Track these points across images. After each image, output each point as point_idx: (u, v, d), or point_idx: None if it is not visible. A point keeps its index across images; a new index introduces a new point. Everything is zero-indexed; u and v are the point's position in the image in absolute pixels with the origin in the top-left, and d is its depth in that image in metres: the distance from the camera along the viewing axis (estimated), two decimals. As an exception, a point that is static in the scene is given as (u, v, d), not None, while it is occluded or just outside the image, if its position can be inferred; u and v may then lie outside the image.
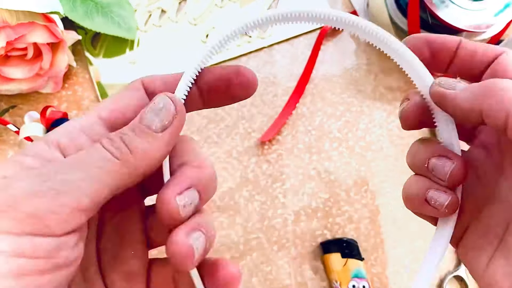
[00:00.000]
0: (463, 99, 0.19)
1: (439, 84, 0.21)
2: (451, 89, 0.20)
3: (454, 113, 0.21)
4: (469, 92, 0.19)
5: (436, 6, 0.38)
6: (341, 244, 0.37)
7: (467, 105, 0.19)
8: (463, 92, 0.19)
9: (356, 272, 0.36)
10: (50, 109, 0.36)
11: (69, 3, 0.40)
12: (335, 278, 0.36)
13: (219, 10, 0.46)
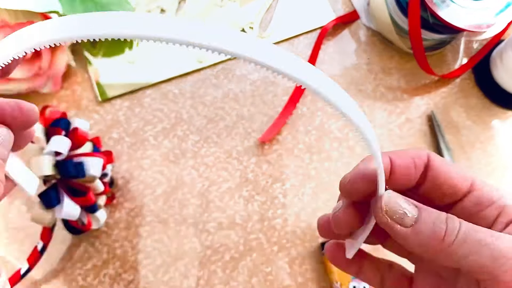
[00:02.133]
0: (414, 244, 0.20)
1: (387, 213, 0.21)
2: (399, 222, 0.21)
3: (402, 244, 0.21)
4: (419, 239, 0.20)
5: (437, 6, 0.38)
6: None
7: (417, 250, 0.20)
8: (413, 235, 0.20)
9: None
10: (49, 109, 0.36)
11: (68, 2, 0.40)
12: (336, 278, 0.36)
13: (218, 10, 0.46)
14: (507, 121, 0.44)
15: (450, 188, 0.22)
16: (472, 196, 0.22)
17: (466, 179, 0.22)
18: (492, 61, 0.44)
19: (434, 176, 0.22)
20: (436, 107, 0.44)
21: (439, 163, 0.22)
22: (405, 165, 0.23)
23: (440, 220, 0.20)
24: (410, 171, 0.22)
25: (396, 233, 0.21)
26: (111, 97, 0.42)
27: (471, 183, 0.22)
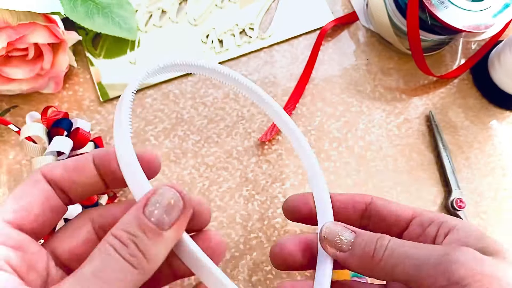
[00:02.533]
0: (352, 266, 0.23)
1: (326, 241, 0.24)
2: (337, 248, 0.24)
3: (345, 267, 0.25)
4: (355, 260, 0.23)
5: (436, 7, 0.39)
6: None
7: (357, 270, 0.23)
8: (350, 258, 0.23)
9: (355, 273, 0.36)
10: (51, 109, 0.36)
11: (70, 3, 0.40)
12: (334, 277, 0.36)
13: (219, 11, 0.46)
14: (505, 122, 0.44)
15: (394, 218, 0.25)
16: (415, 221, 0.25)
17: (407, 209, 0.25)
18: (490, 62, 0.44)
19: (377, 211, 0.26)
20: (435, 108, 0.44)
21: (380, 201, 0.26)
22: (344, 202, 0.27)
23: (370, 240, 0.23)
24: (348, 207, 0.27)
25: (337, 258, 0.24)
26: (113, 98, 0.42)
27: (412, 212, 0.25)
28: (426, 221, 0.24)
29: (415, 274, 0.21)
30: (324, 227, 0.24)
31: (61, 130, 0.34)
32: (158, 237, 0.17)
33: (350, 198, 0.27)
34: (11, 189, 0.39)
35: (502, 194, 0.42)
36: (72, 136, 0.34)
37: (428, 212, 0.25)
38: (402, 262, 0.21)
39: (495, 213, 0.41)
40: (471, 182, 0.42)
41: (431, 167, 0.42)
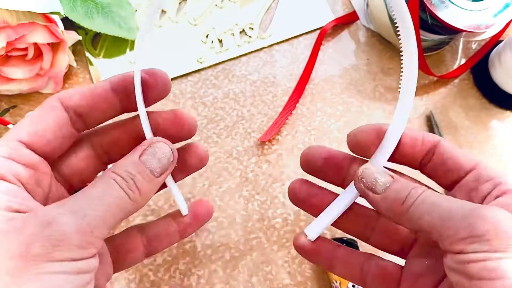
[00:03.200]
0: (382, 209, 0.23)
1: (361, 180, 0.24)
2: (371, 189, 0.24)
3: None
4: (386, 204, 0.23)
5: (436, 7, 0.39)
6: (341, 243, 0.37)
7: (386, 214, 0.23)
8: (381, 201, 0.23)
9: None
10: None
11: (70, 3, 0.40)
12: (335, 278, 0.36)
13: (219, 11, 0.46)
14: (505, 121, 0.44)
15: (454, 165, 0.24)
16: (473, 172, 0.23)
17: (471, 159, 0.24)
18: (491, 61, 0.44)
19: (441, 153, 0.24)
20: (435, 108, 0.44)
21: (447, 144, 0.25)
22: (413, 137, 0.25)
23: (405, 187, 0.23)
24: (417, 143, 0.25)
25: (369, 199, 0.24)
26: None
27: (475, 163, 0.23)
28: (484, 176, 0.23)
29: (440, 224, 0.21)
30: (363, 168, 0.24)
31: None
32: (151, 180, 0.21)
33: (421, 134, 0.25)
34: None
35: (503, 194, 0.42)
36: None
37: (491, 169, 0.23)
38: (430, 212, 0.21)
39: (495, 213, 0.41)
40: (472, 182, 0.42)
41: (432, 167, 0.42)
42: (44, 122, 0.21)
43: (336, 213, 0.26)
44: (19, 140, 0.20)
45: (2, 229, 0.17)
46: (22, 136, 0.20)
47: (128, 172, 0.21)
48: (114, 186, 0.20)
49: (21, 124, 0.21)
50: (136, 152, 0.22)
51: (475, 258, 0.19)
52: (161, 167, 0.22)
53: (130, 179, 0.21)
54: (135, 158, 0.21)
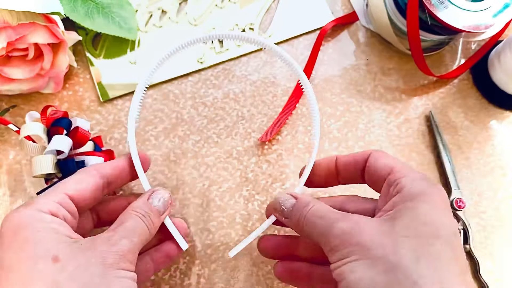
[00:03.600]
0: (294, 230, 0.30)
1: (275, 208, 0.31)
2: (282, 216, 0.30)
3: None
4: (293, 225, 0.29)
5: (435, 7, 0.39)
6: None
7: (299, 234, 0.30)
8: (290, 223, 0.29)
9: None
10: (50, 109, 0.36)
11: (70, 3, 0.40)
12: None
13: (219, 11, 0.46)
14: (504, 122, 0.44)
15: (378, 173, 0.29)
16: (388, 178, 0.28)
17: (386, 167, 0.28)
18: (490, 62, 0.44)
19: (368, 170, 0.30)
20: (435, 108, 0.44)
21: (374, 156, 0.30)
22: (347, 162, 0.31)
23: (298, 209, 0.29)
24: (350, 167, 0.31)
25: (286, 224, 0.30)
26: (113, 98, 0.42)
27: (390, 170, 0.28)
28: (391, 180, 0.28)
29: (319, 240, 0.27)
30: (273, 199, 0.31)
31: (61, 129, 0.34)
32: (159, 216, 0.30)
33: (352, 157, 0.31)
34: (12, 189, 0.39)
35: (502, 194, 0.42)
36: (72, 135, 0.34)
37: (400, 170, 0.28)
38: (313, 230, 0.27)
39: (494, 213, 0.41)
40: (471, 182, 0.42)
41: (431, 167, 0.42)
42: (84, 184, 0.28)
43: (254, 236, 0.32)
44: (66, 193, 0.27)
45: (77, 247, 0.24)
46: (68, 191, 0.27)
47: (144, 210, 0.28)
48: (140, 221, 0.28)
49: (68, 182, 0.28)
50: (144, 197, 0.30)
51: (332, 267, 0.25)
52: (163, 207, 0.30)
53: (148, 215, 0.28)
54: (144, 200, 0.29)
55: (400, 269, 0.23)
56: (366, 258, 0.24)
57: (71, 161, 0.33)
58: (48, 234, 0.24)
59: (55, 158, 0.33)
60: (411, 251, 0.23)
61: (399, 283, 0.22)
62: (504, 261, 0.40)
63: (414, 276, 0.22)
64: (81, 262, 0.23)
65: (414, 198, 0.26)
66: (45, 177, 0.34)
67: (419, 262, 0.23)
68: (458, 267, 0.24)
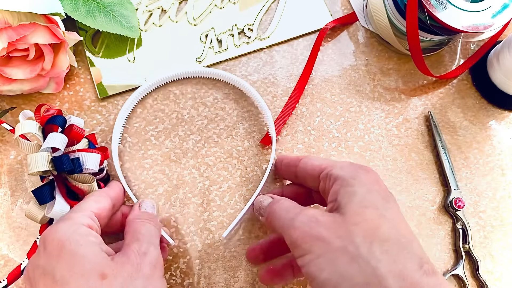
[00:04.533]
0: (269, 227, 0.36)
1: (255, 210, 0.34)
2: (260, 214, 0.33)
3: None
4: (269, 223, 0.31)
5: (435, 7, 0.39)
6: None
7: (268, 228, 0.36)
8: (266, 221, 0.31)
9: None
10: (44, 107, 0.36)
11: (71, 3, 0.40)
12: None
13: (219, 11, 0.46)
14: (503, 122, 0.44)
15: (310, 173, 0.32)
16: (321, 175, 0.31)
17: (317, 167, 0.31)
18: (489, 62, 0.44)
19: (301, 168, 0.33)
20: (434, 108, 0.44)
21: (303, 161, 0.33)
22: (287, 163, 0.36)
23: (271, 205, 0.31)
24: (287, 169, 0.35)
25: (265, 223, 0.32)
26: (113, 98, 0.42)
27: (322, 168, 0.31)
28: (324, 176, 0.30)
29: (283, 234, 0.28)
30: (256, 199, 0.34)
31: (55, 127, 0.34)
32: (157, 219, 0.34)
33: (287, 162, 0.35)
34: (13, 189, 0.39)
35: (501, 194, 0.42)
36: (67, 133, 0.34)
37: (330, 165, 0.30)
38: (278, 224, 0.29)
39: (494, 213, 0.41)
40: (470, 182, 0.42)
41: (430, 167, 0.42)
42: (102, 203, 0.32)
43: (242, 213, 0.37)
44: (92, 211, 0.30)
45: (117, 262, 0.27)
46: (93, 209, 0.31)
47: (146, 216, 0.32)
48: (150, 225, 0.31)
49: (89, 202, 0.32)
50: (136, 207, 0.34)
51: (299, 264, 0.27)
52: (155, 211, 0.35)
53: (151, 219, 0.32)
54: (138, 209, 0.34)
55: (360, 258, 0.24)
56: (328, 253, 0.25)
57: (65, 157, 0.33)
58: (90, 248, 0.27)
59: (50, 155, 0.33)
60: (363, 238, 0.25)
61: (362, 271, 0.24)
62: (503, 260, 0.40)
63: (372, 263, 0.24)
64: (124, 277, 0.26)
65: (349, 183, 0.28)
66: (41, 175, 0.34)
67: (372, 247, 0.24)
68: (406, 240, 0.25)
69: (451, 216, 0.41)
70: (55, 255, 0.26)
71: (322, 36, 0.45)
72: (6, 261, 0.38)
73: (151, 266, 0.28)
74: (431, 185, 0.42)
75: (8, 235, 0.38)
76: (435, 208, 0.41)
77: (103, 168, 0.37)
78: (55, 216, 0.33)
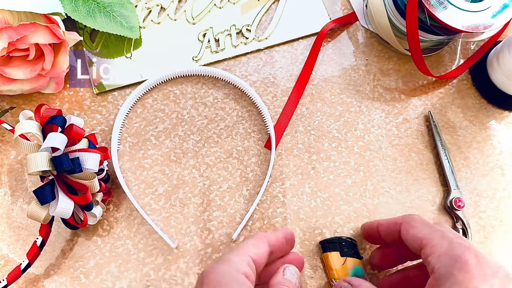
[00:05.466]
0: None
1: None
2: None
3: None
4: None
5: (435, 8, 0.39)
6: (340, 242, 0.37)
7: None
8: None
9: (355, 271, 0.36)
10: (44, 107, 0.36)
11: (71, 3, 0.40)
12: (334, 276, 0.36)
13: (218, 11, 0.46)
14: (503, 122, 0.44)
15: (410, 247, 0.32)
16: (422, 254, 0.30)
17: (417, 240, 0.31)
18: (489, 62, 0.44)
19: (401, 239, 0.33)
20: (434, 108, 0.44)
21: (404, 227, 0.32)
22: (385, 231, 0.35)
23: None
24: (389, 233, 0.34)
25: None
26: (113, 98, 0.42)
27: (420, 243, 0.30)
28: (424, 258, 0.30)
29: None
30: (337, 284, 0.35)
31: (55, 127, 0.34)
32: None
33: (387, 227, 0.35)
34: (13, 189, 0.39)
35: (501, 194, 0.42)
36: (66, 133, 0.34)
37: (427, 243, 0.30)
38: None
39: (494, 213, 0.41)
40: (470, 182, 0.42)
41: (430, 167, 0.42)
42: (261, 249, 0.30)
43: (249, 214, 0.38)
44: (250, 256, 0.29)
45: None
46: (251, 254, 0.29)
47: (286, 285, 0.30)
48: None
49: (247, 245, 0.30)
50: (280, 271, 0.31)
51: None
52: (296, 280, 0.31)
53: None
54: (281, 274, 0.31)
55: None
56: None
57: (65, 157, 0.33)
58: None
59: (50, 155, 0.33)
60: None
61: None
62: (503, 260, 0.40)
63: None
64: None
65: (442, 283, 0.27)
66: (41, 175, 0.34)
67: None
68: None
69: (451, 216, 0.41)
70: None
71: (322, 36, 0.45)
72: (6, 261, 0.38)
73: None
74: (431, 185, 0.42)
75: (8, 235, 0.38)
76: (435, 208, 0.41)
77: (103, 168, 0.37)
78: (60, 215, 0.33)
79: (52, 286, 0.37)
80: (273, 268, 0.33)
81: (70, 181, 0.34)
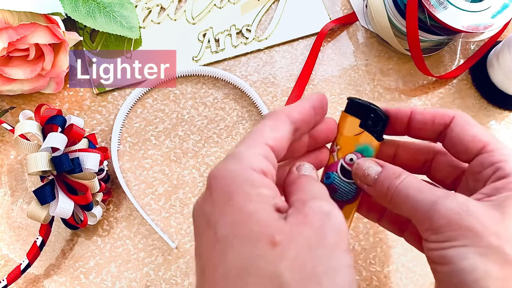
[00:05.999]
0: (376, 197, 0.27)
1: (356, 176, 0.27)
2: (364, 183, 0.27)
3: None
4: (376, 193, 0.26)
5: (435, 8, 0.39)
6: (368, 112, 0.30)
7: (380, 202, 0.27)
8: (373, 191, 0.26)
9: (364, 148, 0.29)
10: (44, 107, 0.36)
11: (71, 3, 0.40)
12: (339, 141, 0.30)
13: (218, 11, 0.46)
14: (504, 122, 0.44)
15: (463, 147, 0.26)
16: (479, 157, 0.25)
17: (478, 141, 0.25)
18: (489, 62, 0.44)
19: (451, 136, 0.26)
20: (434, 108, 0.44)
21: (459, 123, 0.26)
22: (423, 121, 0.28)
23: (387, 178, 0.26)
24: (427, 127, 0.27)
25: (365, 191, 0.27)
26: (113, 98, 0.42)
27: (482, 146, 0.25)
28: (487, 162, 0.25)
29: (411, 214, 0.24)
30: (355, 164, 0.28)
31: (55, 127, 0.34)
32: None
33: (430, 117, 0.28)
34: (13, 189, 0.39)
35: (501, 194, 0.42)
36: (66, 133, 0.34)
37: (497, 150, 0.25)
38: (404, 203, 0.24)
39: (493, 213, 0.41)
40: (470, 182, 0.42)
41: (430, 167, 0.42)
42: (280, 131, 0.23)
43: None
44: (267, 144, 0.22)
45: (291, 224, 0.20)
46: (268, 141, 0.23)
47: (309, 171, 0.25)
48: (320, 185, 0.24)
49: (263, 129, 0.23)
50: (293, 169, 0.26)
51: (433, 247, 0.23)
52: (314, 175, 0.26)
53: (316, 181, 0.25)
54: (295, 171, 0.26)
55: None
56: (478, 246, 0.22)
57: (65, 157, 0.33)
58: (260, 205, 0.21)
59: (50, 155, 0.33)
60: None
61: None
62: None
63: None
64: (300, 245, 0.20)
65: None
66: (41, 175, 0.34)
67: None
68: None
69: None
70: (220, 206, 0.21)
71: (323, 36, 0.45)
72: (6, 261, 0.38)
73: (335, 232, 0.20)
74: (431, 185, 0.42)
75: (8, 235, 0.38)
76: (435, 208, 0.41)
77: (103, 168, 0.37)
78: (60, 215, 0.33)
79: (52, 286, 0.37)
80: (300, 144, 0.27)
81: (70, 181, 0.34)
